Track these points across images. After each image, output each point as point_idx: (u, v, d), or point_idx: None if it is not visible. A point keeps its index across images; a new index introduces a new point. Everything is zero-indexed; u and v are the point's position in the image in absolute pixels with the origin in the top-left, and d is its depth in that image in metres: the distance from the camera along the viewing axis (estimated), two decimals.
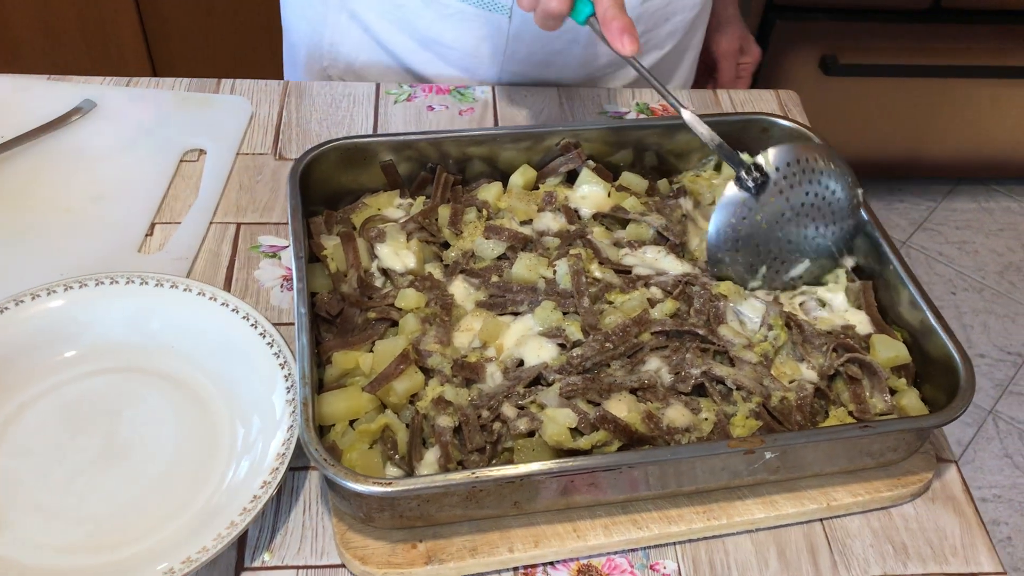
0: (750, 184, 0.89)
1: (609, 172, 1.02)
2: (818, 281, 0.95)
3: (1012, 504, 2.20)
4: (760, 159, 0.90)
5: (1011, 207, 2.95)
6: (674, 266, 0.92)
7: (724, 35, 1.42)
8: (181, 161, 1.11)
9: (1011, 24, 2.47)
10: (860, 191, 0.94)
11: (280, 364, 0.83)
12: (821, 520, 0.82)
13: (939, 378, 0.84)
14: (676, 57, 1.33)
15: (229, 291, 0.96)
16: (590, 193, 0.99)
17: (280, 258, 1.01)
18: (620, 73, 1.30)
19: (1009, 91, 2.62)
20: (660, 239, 0.95)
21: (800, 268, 0.93)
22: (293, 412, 0.79)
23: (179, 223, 1.03)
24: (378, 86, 1.24)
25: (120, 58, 2.32)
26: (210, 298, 0.88)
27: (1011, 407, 2.40)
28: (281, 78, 1.29)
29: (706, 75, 1.47)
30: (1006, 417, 2.38)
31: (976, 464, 2.28)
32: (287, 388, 0.82)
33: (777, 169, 0.89)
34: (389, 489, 0.70)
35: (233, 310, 0.87)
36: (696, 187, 1.02)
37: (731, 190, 0.89)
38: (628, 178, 1.02)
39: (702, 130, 0.91)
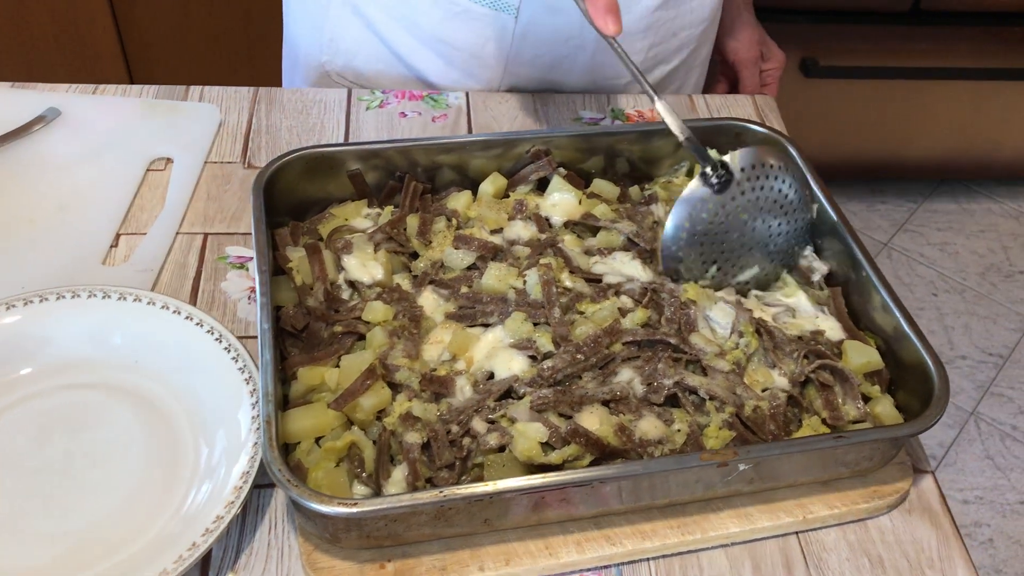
0: (714, 181, 0.88)
1: (580, 179, 1.01)
2: (766, 287, 0.95)
3: (994, 506, 2.20)
4: (727, 158, 0.89)
5: (992, 208, 2.95)
6: (639, 272, 0.90)
7: (740, 42, 1.37)
8: (148, 170, 1.08)
9: (990, 26, 2.47)
10: (815, 207, 0.95)
11: (245, 379, 0.81)
12: (797, 533, 0.81)
13: (913, 385, 0.83)
14: (684, 72, 1.32)
15: (195, 303, 0.95)
16: (561, 201, 0.97)
17: (248, 269, 0.99)
18: (624, 84, 1.28)
19: (989, 92, 2.63)
20: (631, 245, 0.94)
21: (749, 273, 0.93)
22: (258, 429, 0.77)
23: (145, 234, 1.01)
24: (350, 92, 1.22)
25: (96, 64, 2.30)
26: (174, 311, 0.86)
27: (992, 408, 2.41)
28: (263, 81, 1.27)
29: (731, 87, 1.41)
30: (987, 418, 2.38)
31: (958, 466, 2.28)
32: (252, 404, 0.80)
33: (742, 170, 0.89)
34: (354, 510, 0.68)
35: (197, 324, 0.85)
36: (668, 194, 1.00)
37: (694, 185, 0.89)
38: (599, 185, 1.01)
39: (672, 121, 0.90)
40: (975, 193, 3.00)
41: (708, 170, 0.88)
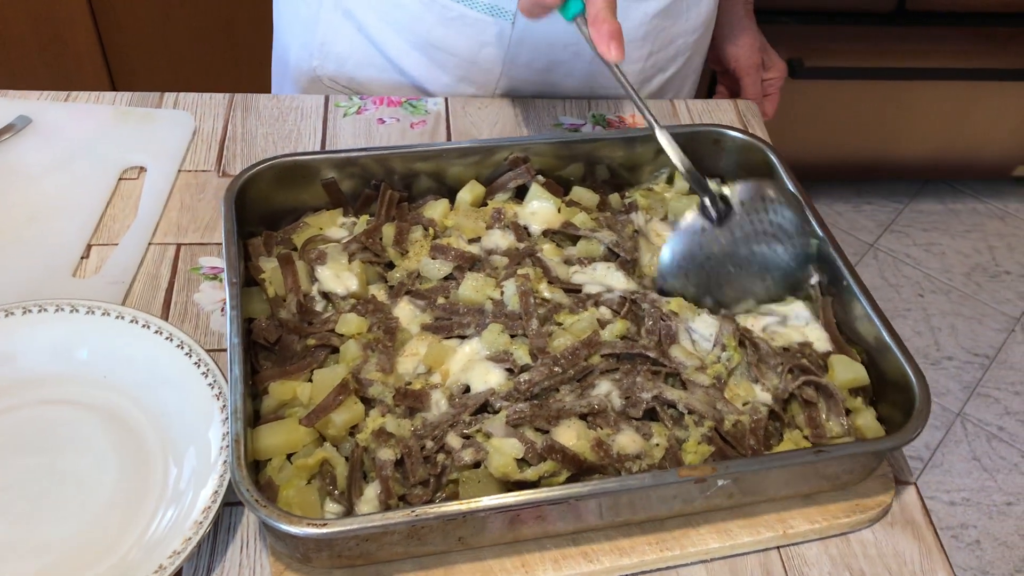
0: (713, 214, 0.88)
1: (560, 187, 1.00)
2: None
3: (980, 507, 2.20)
4: (727, 190, 0.89)
5: (977, 208, 2.95)
6: (620, 282, 0.89)
7: (742, 47, 1.34)
8: (120, 179, 1.07)
9: (975, 26, 2.47)
10: (815, 242, 0.92)
11: (216, 395, 0.80)
12: (778, 548, 0.79)
13: (895, 396, 0.81)
14: (680, 81, 1.30)
15: (167, 315, 0.93)
16: (540, 209, 0.96)
17: (222, 280, 0.97)
18: (620, 90, 1.26)
19: (974, 92, 2.62)
20: (611, 255, 0.93)
21: (743, 306, 0.91)
22: (228, 447, 0.76)
23: (117, 244, 0.99)
24: (327, 98, 1.20)
25: (77, 69, 2.27)
26: (143, 325, 0.84)
27: (979, 409, 2.40)
28: (248, 87, 1.25)
29: (733, 96, 1.37)
30: (974, 419, 2.38)
31: (945, 467, 2.28)
32: (223, 420, 0.78)
33: (741, 203, 0.88)
34: (324, 531, 0.66)
35: (167, 338, 0.83)
36: (648, 202, 0.99)
37: (692, 217, 0.88)
38: (579, 193, 0.99)
39: (673, 153, 0.89)
40: (960, 193, 3.00)
41: (707, 202, 0.87)
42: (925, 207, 2.94)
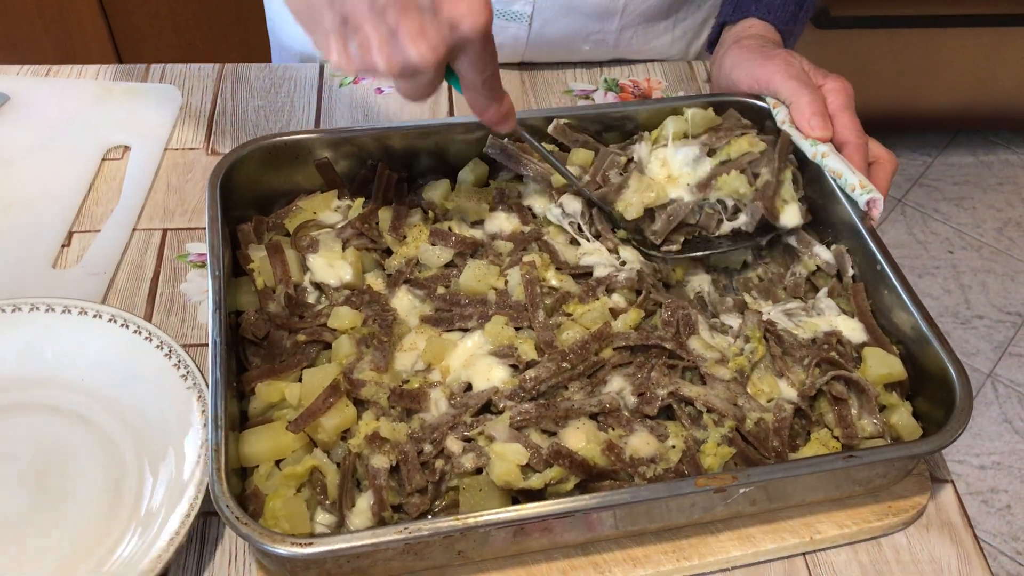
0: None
1: None
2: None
3: (1012, 471, 2.14)
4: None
5: (1010, 160, 2.84)
6: (630, 256, 0.83)
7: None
8: (103, 160, 1.01)
9: None
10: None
11: (197, 398, 0.75)
12: (804, 555, 0.74)
13: (933, 391, 0.75)
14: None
15: (152, 308, 0.88)
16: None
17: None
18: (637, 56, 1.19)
19: (1006, 39, 2.51)
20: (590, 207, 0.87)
21: None
22: (207, 456, 0.70)
23: (99, 231, 0.93)
24: (322, 67, 1.14)
25: (81, 41, 2.19)
26: (122, 324, 0.79)
27: (1010, 370, 2.33)
28: (257, 57, 1.18)
29: None
30: (1005, 380, 2.30)
31: (975, 431, 2.21)
32: (204, 426, 0.73)
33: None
34: (309, 550, 0.61)
35: (147, 338, 0.78)
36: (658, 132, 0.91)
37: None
38: (579, 155, 0.92)
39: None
40: (993, 144, 2.89)
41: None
42: (956, 159, 2.84)
